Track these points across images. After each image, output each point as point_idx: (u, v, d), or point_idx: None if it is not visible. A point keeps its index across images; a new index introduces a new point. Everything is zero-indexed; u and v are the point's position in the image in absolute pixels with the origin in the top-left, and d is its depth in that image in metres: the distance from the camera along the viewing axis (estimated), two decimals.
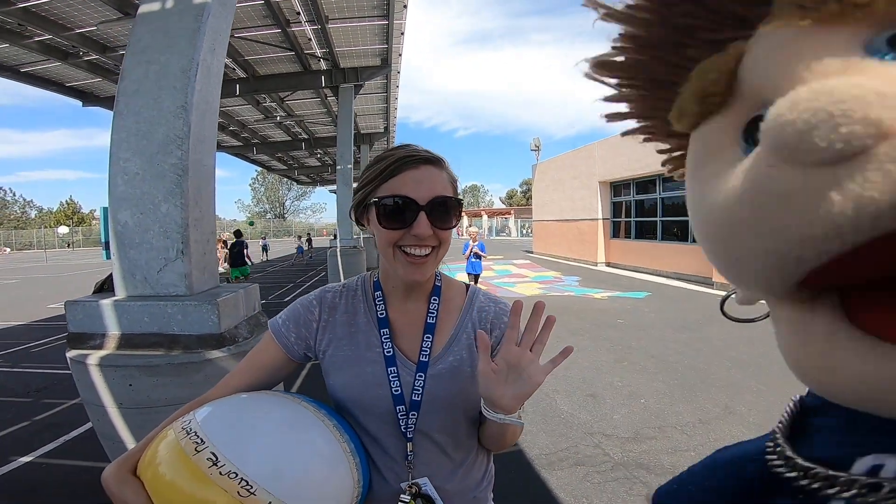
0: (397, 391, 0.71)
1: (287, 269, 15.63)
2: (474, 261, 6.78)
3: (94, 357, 1.56)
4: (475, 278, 6.85)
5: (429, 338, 0.74)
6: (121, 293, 1.74)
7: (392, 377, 0.71)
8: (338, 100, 9.22)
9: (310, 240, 20.69)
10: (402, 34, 7.66)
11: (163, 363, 1.55)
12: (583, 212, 13.76)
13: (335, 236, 10.93)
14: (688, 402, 3.28)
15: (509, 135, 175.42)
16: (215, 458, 0.55)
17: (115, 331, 1.63)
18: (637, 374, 3.91)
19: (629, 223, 12.11)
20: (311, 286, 10.62)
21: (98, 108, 8.89)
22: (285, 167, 20.46)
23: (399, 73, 9.79)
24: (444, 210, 0.69)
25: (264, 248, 20.29)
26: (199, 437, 0.57)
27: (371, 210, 0.70)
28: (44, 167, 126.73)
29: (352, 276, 0.86)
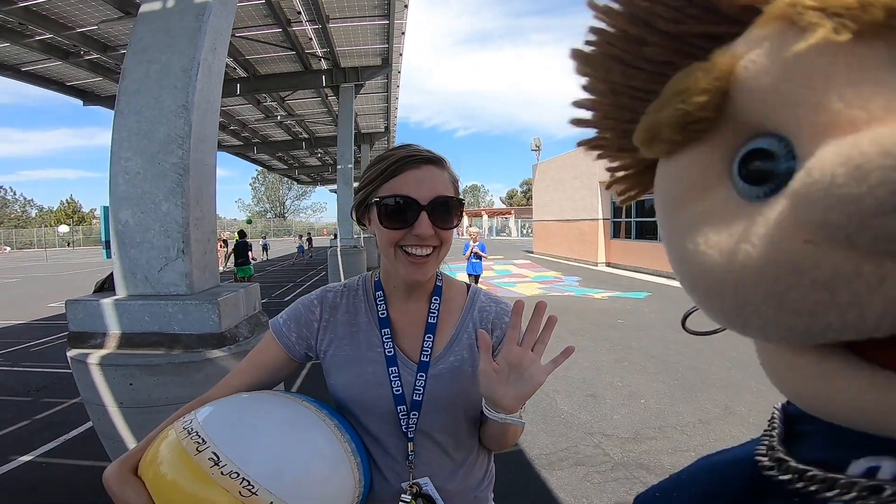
0: (398, 391, 0.71)
1: (287, 268, 15.64)
2: (475, 261, 6.75)
3: (95, 356, 1.56)
4: (476, 279, 6.82)
5: (430, 338, 0.74)
6: (121, 292, 1.74)
7: (393, 377, 0.71)
8: (338, 99, 9.22)
9: (310, 239, 20.78)
10: (403, 34, 7.66)
11: (163, 362, 1.55)
12: (583, 212, 13.76)
13: (335, 236, 10.94)
14: (688, 402, 3.28)
15: (509, 135, 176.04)
16: (217, 458, 0.55)
17: (115, 330, 1.63)
18: (637, 374, 3.91)
19: (630, 223, 12.10)
20: (311, 286, 10.63)
21: (99, 108, 8.89)
22: (286, 167, 20.46)
23: (399, 72, 9.78)
24: (446, 210, 0.69)
25: (265, 248, 20.37)
26: (200, 437, 0.57)
27: (372, 210, 0.70)
28: (44, 166, 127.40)
29: (352, 275, 0.86)
